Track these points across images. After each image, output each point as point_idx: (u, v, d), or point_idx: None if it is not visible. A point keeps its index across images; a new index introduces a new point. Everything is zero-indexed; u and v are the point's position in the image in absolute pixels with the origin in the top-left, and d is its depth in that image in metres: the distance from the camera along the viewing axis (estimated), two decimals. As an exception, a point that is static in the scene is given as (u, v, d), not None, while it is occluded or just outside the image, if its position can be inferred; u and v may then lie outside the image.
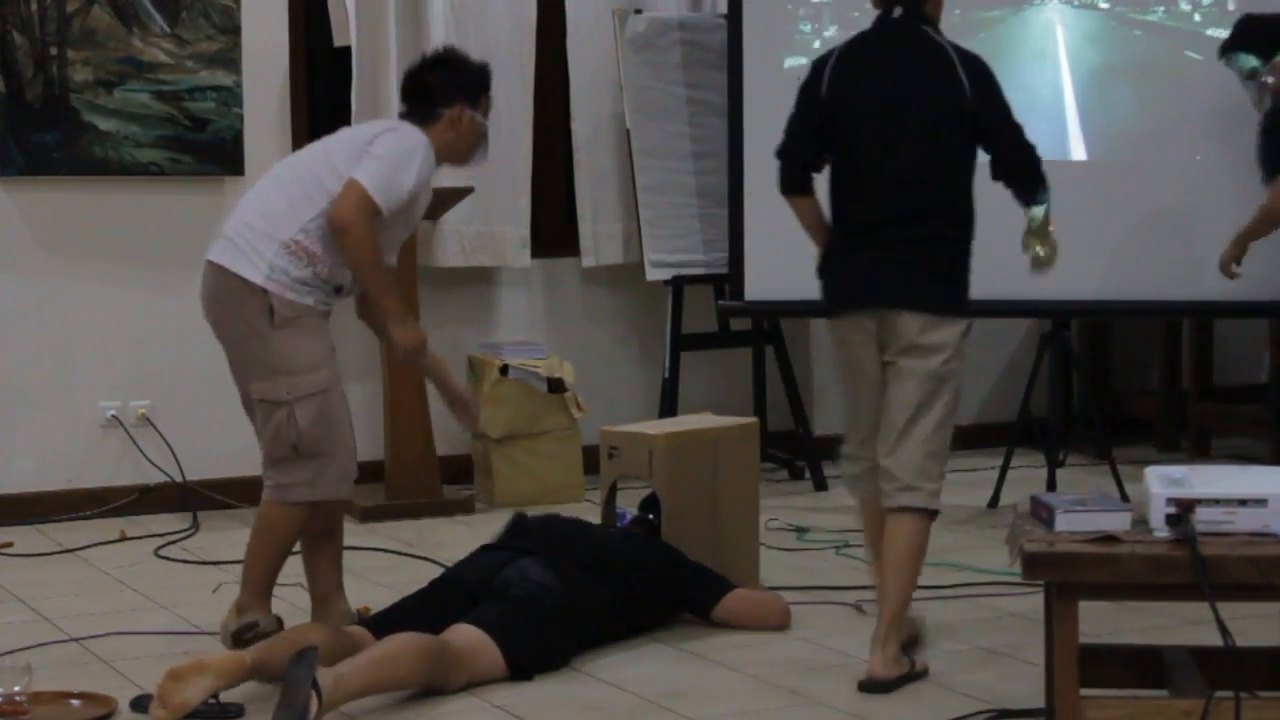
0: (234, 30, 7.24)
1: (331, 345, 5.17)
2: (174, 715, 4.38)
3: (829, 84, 5.07)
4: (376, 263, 5.07)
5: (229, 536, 6.76)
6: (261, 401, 5.10)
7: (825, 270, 5.21)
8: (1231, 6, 7.29)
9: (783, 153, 5.20)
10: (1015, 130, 5.10)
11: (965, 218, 5.11)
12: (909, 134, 5.00)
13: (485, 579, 5.11)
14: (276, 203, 5.10)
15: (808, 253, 7.37)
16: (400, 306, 5.21)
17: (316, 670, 4.32)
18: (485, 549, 5.39)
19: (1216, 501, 4.05)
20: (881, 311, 5.01)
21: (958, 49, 5.10)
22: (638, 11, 7.82)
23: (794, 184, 5.20)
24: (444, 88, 5.29)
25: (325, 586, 5.36)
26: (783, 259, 7.43)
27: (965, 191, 5.08)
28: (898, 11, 5.10)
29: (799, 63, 7.46)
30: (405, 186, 5.06)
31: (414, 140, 5.14)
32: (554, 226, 8.08)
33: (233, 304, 5.08)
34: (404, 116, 5.34)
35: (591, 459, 6.45)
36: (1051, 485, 6.90)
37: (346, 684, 4.44)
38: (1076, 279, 7.09)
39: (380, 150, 5.06)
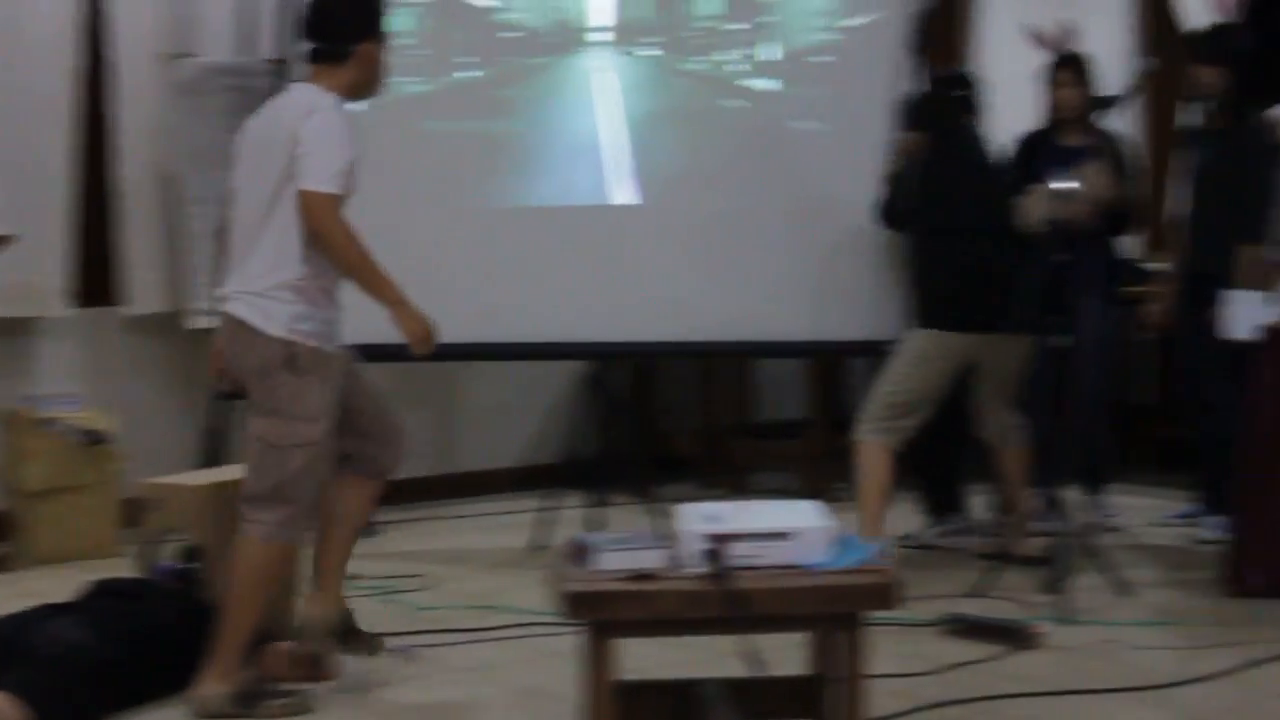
0: None
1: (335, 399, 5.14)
2: None
3: None
4: (365, 256, 5.01)
5: None
6: (256, 438, 5.06)
7: None
8: (773, 57, 7.53)
9: None
10: None
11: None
12: None
13: (10, 640, 4.96)
14: (268, 245, 5.04)
15: (352, 298, 7.41)
16: (401, 294, 5.09)
17: None
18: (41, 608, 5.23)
19: (748, 536, 4.19)
20: None
21: None
22: (185, 56, 7.70)
23: None
24: (354, 25, 5.23)
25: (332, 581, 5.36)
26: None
27: None
28: None
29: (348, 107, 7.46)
30: (346, 159, 5.01)
31: (328, 111, 5.07)
32: (96, 275, 7.88)
33: (251, 352, 5.05)
34: (313, 55, 5.25)
35: (133, 511, 6.31)
36: (595, 525, 7.01)
37: None
38: (620, 320, 7.24)
39: (305, 148, 4.99)
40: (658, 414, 9.28)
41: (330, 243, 4.99)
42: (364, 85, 5.28)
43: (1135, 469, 8.51)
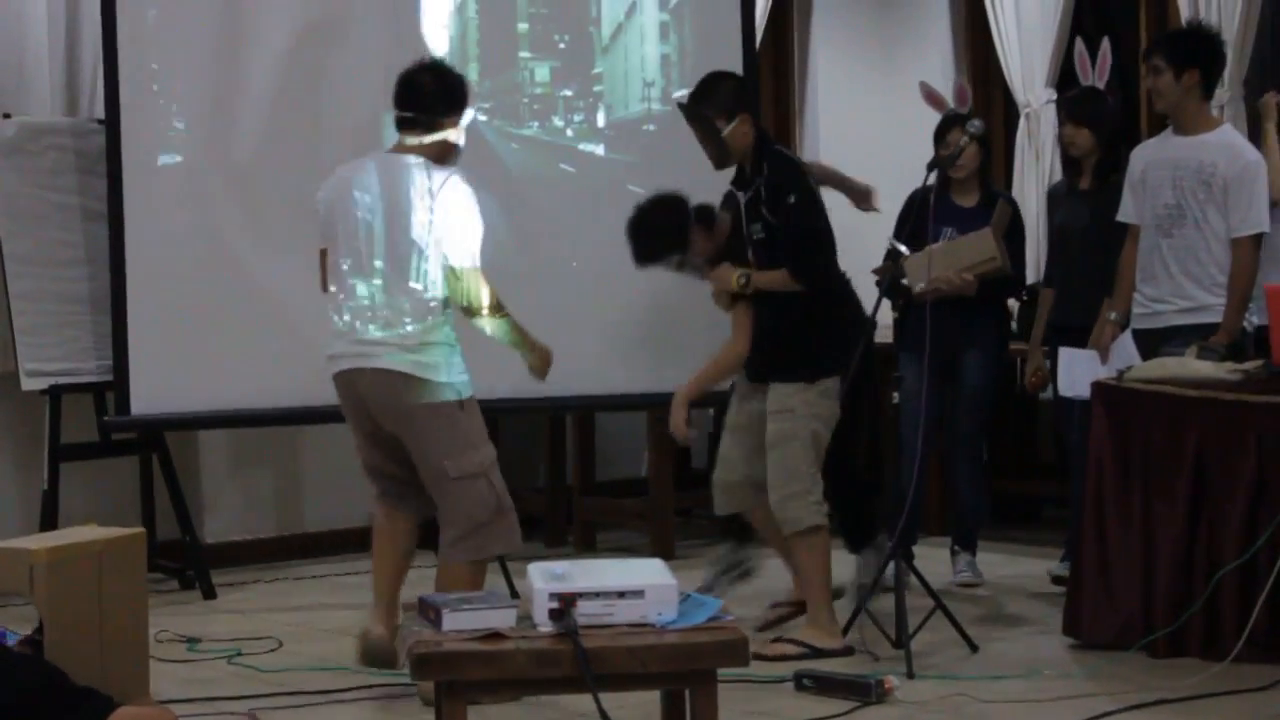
0: None
1: None
2: None
3: None
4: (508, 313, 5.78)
5: None
6: (459, 479, 5.68)
7: None
8: (601, 124, 7.62)
9: None
10: None
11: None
12: None
13: None
14: (418, 302, 5.63)
15: (194, 360, 7.36)
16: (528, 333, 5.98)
17: None
18: None
19: (597, 595, 4.18)
20: None
21: None
22: (6, 116, 7.58)
23: None
24: (445, 101, 5.77)
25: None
26: (168, 367, 7.34)
27: None
28: None
29: (174, 160, 7.43)
30: (482, 228, 5.68)
31: (461, 187, 5.65)
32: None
33: (421, 400, 5.62)
34: (402, 123, 5.76)
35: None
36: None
37: None
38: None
39: (451, 222, 5.61)
40: (503, 472, 9.21)
41: (480, 311, 5.67)
42: (444, 156, 5.75)
43: (1007, 524, 8.63)
